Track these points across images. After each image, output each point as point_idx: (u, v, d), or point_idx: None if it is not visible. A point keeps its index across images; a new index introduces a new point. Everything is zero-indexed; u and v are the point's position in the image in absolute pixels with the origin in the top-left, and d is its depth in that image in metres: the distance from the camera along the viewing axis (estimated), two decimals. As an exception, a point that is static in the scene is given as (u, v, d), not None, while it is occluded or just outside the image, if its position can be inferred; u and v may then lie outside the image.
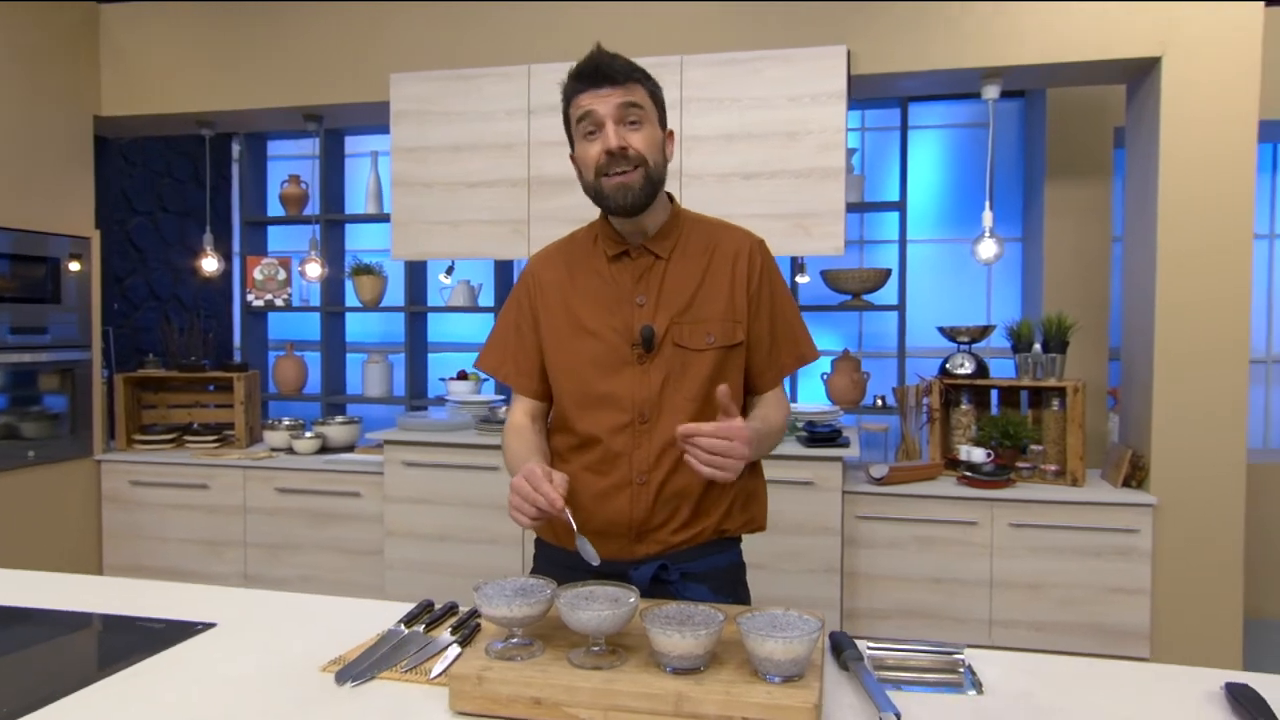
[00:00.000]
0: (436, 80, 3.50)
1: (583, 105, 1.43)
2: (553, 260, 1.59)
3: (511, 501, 1.32)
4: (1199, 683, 1.21)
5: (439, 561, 3.43)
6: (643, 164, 1.42)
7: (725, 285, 1.49)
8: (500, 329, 1.61)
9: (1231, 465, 2.93)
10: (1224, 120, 2.88)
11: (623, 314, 1.48)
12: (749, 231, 1.57)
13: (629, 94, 1.42)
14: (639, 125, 1.43)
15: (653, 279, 1.49)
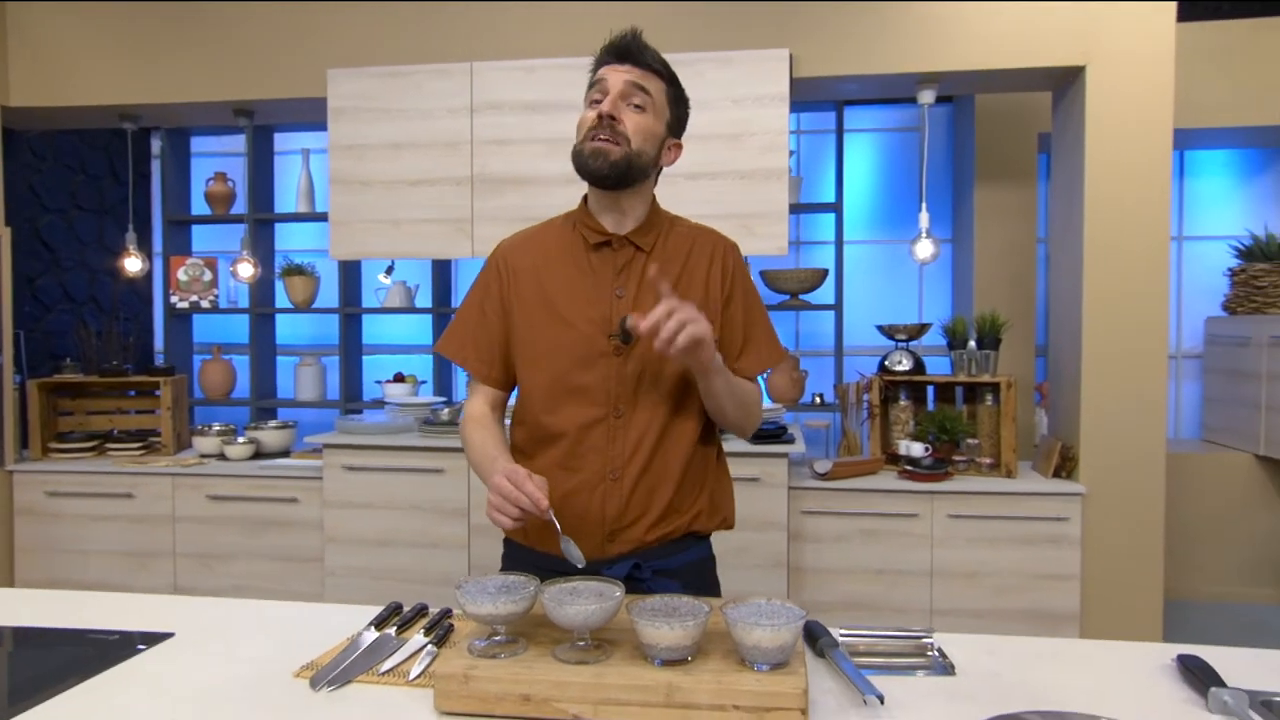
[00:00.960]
0: (376, 77, 3.43)
1: (599, 73, 1.49)
2: (526, 247, 1.56)
3: (492, 502, 1.30)
4: (1153, 656, 1.27)
5: (382, 567, 3.36)
6: (626, 143, 1.43)
7: (701, 284, 1.50)
8: (464, 314, 1.57)
9: (1153, 455, 3.08)
10: (1143, 128, 3.04)
11: (601, 305, 1.46)
12: (723, 235, 1.58)
13: (644, 78, 1.46)
14: (641, 110, 1.45)
15: (633, 272, 1.48)
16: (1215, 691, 1.11)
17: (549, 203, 3.34)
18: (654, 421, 1.46)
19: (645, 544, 1.47)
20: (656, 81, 1.48)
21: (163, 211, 4.66)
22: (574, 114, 3.28)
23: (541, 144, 3.34)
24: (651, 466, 1.45)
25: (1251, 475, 3.96)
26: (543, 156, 3.34)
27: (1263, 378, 3.85)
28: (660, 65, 1.49)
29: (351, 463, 3.37)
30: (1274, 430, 3.79)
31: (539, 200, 3.35)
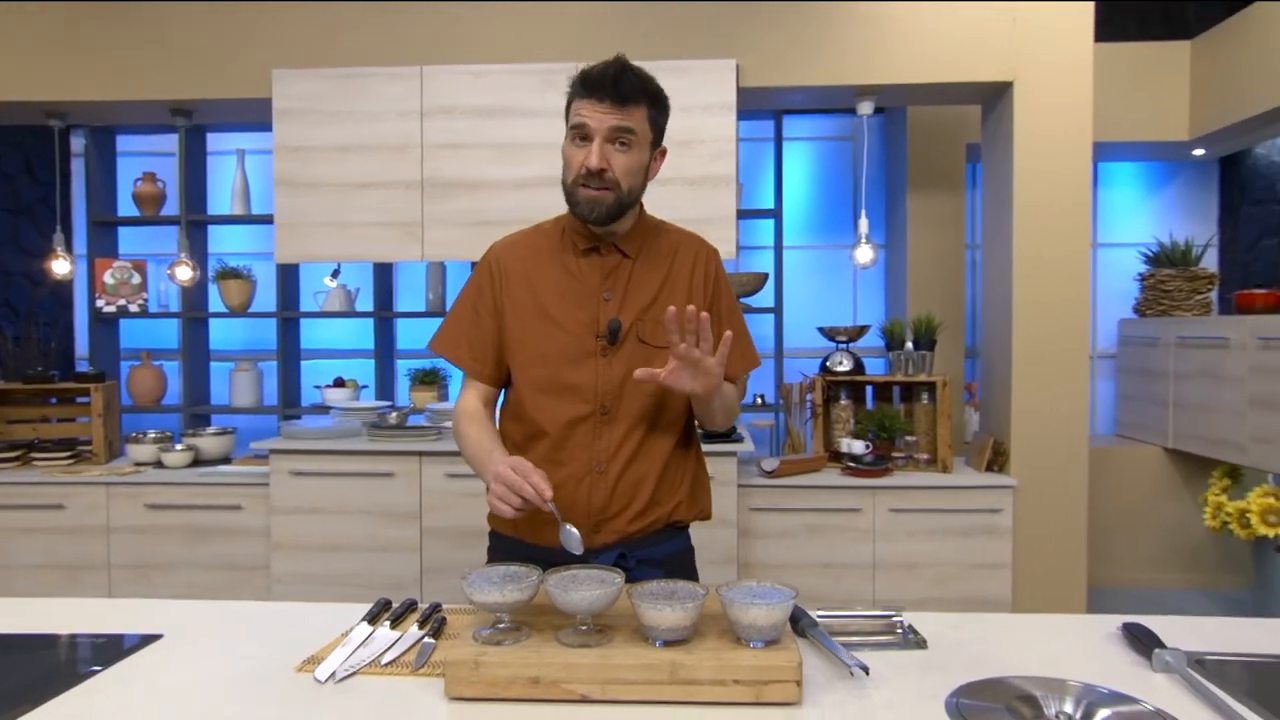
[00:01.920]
0: (323, 79, 3.40)
1: (581, 114, 1.45)
2: (518, 250, 1.60)
3: (496, 491, 1.34)
4: (1101, 626, 1.39)
5: (331, 572, 3.32)
6: (617, 188, 1.46)
7: (685, 288, 1.57)
8: (457, 314, 1.62)
9: (1077, 449, 3.28)
10: (1066, 141, 3.23)
11: (589, 307, 1.52)
12: (705, 241, 1.65)
13: (626, 117, 1.44)
14: (626, 149, 1.46)
15: (620, 277, 1.54)
16: (1159, 653, 1.22)
17: (500, 207, 3.38)
18: (638, 418, 1.52)
19: (629, 535, 1.53)
20: (639, 112, 1.46)
21: (87, 212, 4.50)
22: (525, 119, 3.36)
23: (492, 149, 3.36)
24: (635, 461, 1.52)
25: (1161, 467, 4.23)
26: (493, 161, 3.36)
27: (1170, 376, 4.12)
28: (642, 94, 1.47)
29: (299, 468, 3.33)
30: (1181, 425, 4.06)
31: (489, 204, 3.37)
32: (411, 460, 3.30)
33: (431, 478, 3.30)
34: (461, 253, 3.42)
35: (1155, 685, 1.17)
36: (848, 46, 3.30)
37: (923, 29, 3.28)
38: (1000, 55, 3.25)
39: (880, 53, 3.29)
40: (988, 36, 3.26)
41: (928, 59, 3.28)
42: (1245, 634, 1.37)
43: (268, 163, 4.48)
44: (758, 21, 3.32)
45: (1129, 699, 1.10)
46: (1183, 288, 4.22)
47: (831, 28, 3.30)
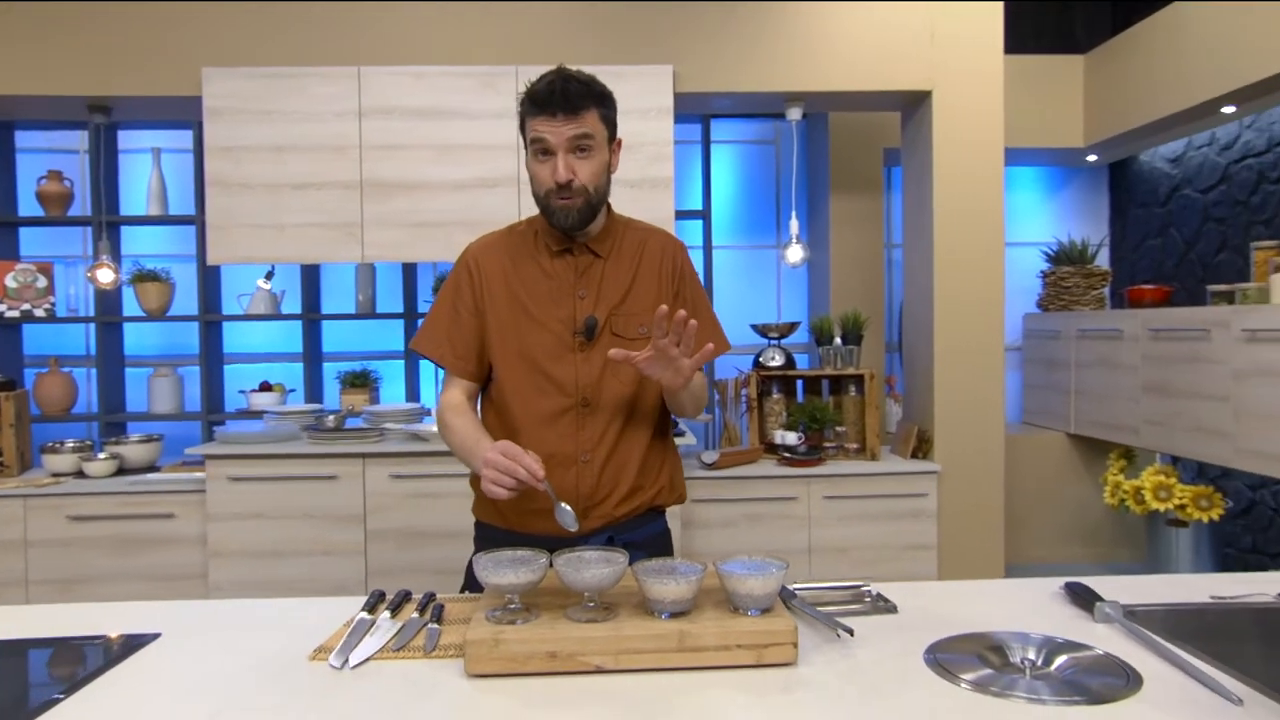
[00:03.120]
0: (256, 78, 3.35)
1: (538, 130, 1.51)
2: (494, 251, 1.66)
3: (487, 475, 1.39)
4: (1045, 586, 1.54)
5: (273, 578, 3.28)
6: (585, 193, 1.54)
7: (654, 282, 1.66)
8: (437, 314, 1.67)
9: (994, 436, 3.51)
10: (981, 147, 3.46)
11: (566, 305, 1.61)
12: (671, 234, 1.75)
13: (581, 125, 1.50)
14: (588, 154, 1.53)
15: (593, 275, 1.63)
16: (1099, 605, 1.37)
17: (440, 208, 3.40)
18: (618, 409, 1.61)
19: (616, 518, 1.62)
20: (591, 116, 1.52)
21: (-15, 212, 4.28)
22: (465, 121, 3.39)
23: (432, 149, 3.37)
24: (618, 449, 1.60)
25: (1064, 452, 4.54)
26: (433, 162, 3.38)
27: (1071, 366, 4.43)
28: (589, 98, 1.52)
29: (237, 473, 3.27)
30: (1081, 412, 4.38)
31: (430, 205, 3.39)
32: (355, 462, 3.29)
33: (375, 479, 3.30)
34: (402, 254, 3.42)
35: (1098, 634, 1.32)
36: (779, 55, 3.45)
37: (850, 40, 3.45)
38: (920, 66, 3.45)
39: (810, 61, 3.45)
40: (908, 48, 3.46)
41: (854, 68, 3.46)
42: (1163, 588, 1.54)
43: (185, 162, 4.37)
44: (693, 29, 3.44)
45: (1082, 646, 1.24)
46: (1080, 284, 4.54)
47: (764, 36, 3.44)
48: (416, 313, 4.39)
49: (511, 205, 3.39)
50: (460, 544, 3.29)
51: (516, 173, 3.38)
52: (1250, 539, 4.13)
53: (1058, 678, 1.17)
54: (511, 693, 1.13)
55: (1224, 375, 3.39)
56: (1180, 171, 4.50)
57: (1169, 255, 4.59)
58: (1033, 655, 1.22)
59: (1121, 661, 1.19)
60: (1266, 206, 3.95)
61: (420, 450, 3.30)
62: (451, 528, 3.30)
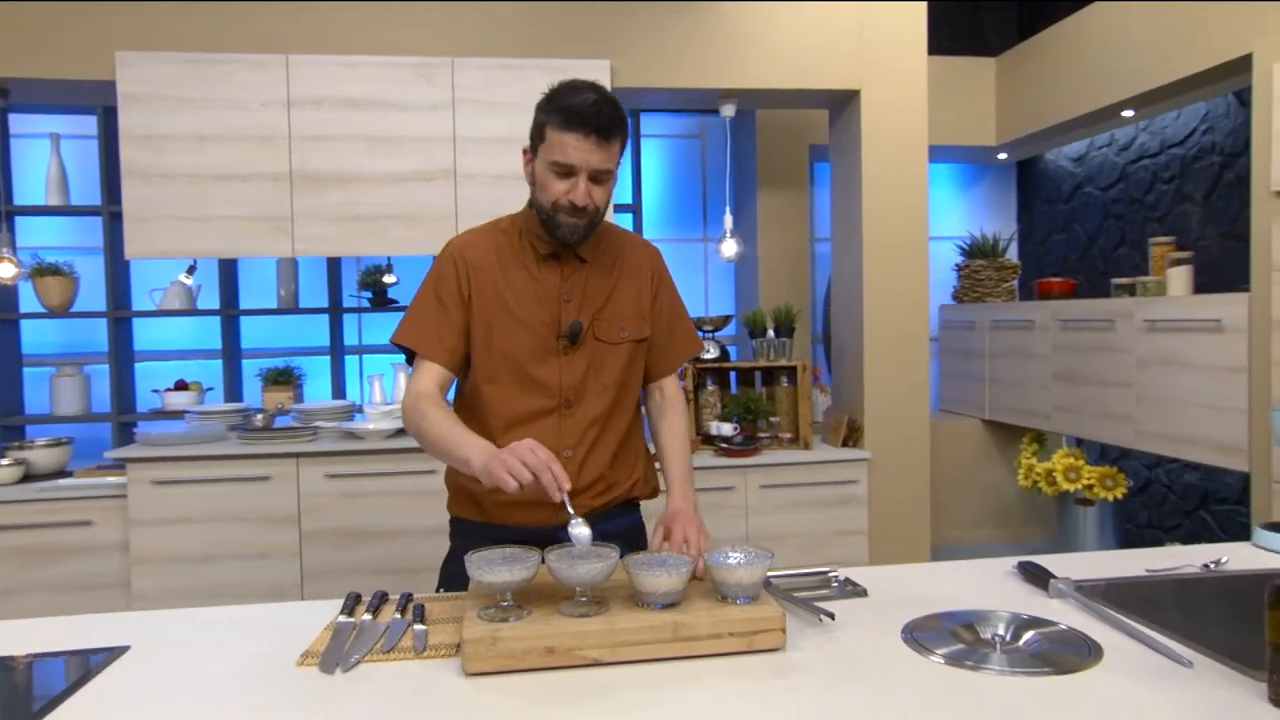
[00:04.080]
0: (176, 63, 3.20)
1: (566, 148, 1.48)
2: (481, 247, 1.65)
3: (508, 463, 1.32)
4: (999, 566, 1.63)
5: (203, 584, 3.16)
6: (595, 214, 1.56)
7: (634, 288, 1.69)
8: (420, 304, 1.64)
9: (920, 423, 3.66)
10: (906, 144, 3.59)
11: (551, 309, 1.61)
12: (647, 242, 1.79)
13: (609, 155, 1.51)
14: (604, 182, 1.54)
15: (577, 280, 1.64)
16: (1053, 582, 1.47)
17: (375, 201, 3.33)
18: (598, 409, 1.63)
19: (593, 509, 1.63)
20: (615, 146, 1.52)
21: None
22: (399, 112, 3.32)
23: (365, 141, 3.30)
24: (597, 446, 1.63)
25: (979, 437, 4.75)
26: (366, 154, 3.30)
27: (985, 356, 4.64)
28: (621, 125, 1.51)
29: (162, 476, 3.14)
30: (995, 399, 4.60)
31: (364, 199, 3.31)
32: (288, 462, 3.20)
33: (310, 479, 3.21)
34: (334, 248, 3.33)
35: (1053, 608, 1.41)
36: (714, 52, 3.50)
37: (783, 39, 3.53)
38: (849, 66, 3.56)
39: (744, 59, 3.52)
40: (839, 48, 3.55)
41: (787, 67, 3.54)
42: (1102, 563, 1.65)
43: (87, 148, 4.14)
44: (630, 24, 3.46)
45: (1047, 621, 1.33)
46: (992, 277, 4.76)
47: (699, 34, 3.48)
48: (342, 308, 4.29)
49: (448, 199, 3.34)
50: (399, 543, 3.27)
51: (453, 165, 3.33)
52: (1146, 515, 4.42)
53: (1026, 651, 1.24)
54: (511, 690, 1.14)
55: (1128, 363, 3.61)
56: (1082, 170, 4.76)
57: (1073, 249, 4.86)
58: (1002, 631, 1.30)
59: (1083, 635, 1.28)
60: (1160, 204, 4.22)
61: (355, 449, 3.23)
62: (389, 527, 3.25)
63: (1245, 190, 3.69)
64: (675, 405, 1.78)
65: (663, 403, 1.78)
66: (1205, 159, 3.94)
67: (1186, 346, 3.33)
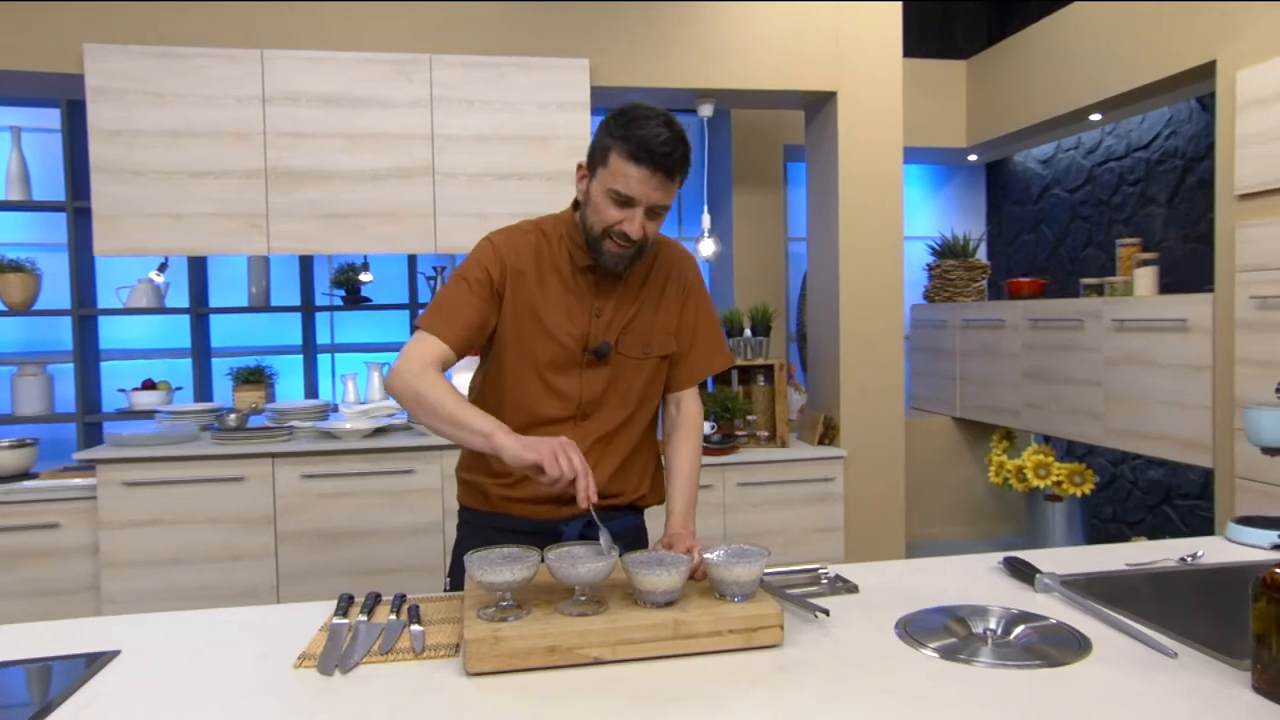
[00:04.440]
0: (147, 57, 3.14)
1: (630, 179, 1.44)
2: (522, 250, 1.60)
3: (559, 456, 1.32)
4: (985, 562, 1.66)
5: (176, 586, 3.11)
6: (644, 246, 1.53)
7: (664, 300, 1.66)
8: (448, 289, 1.57)
9: (895, 421, 3.70)
10: (882, 145, 3.63)
11: (581, 322, 1.59)
12: (683, 249, 1.74)
13: (670, 193, 1.48)
14: (659, 216, 1.51)
15: (611, 294, 1.61)
16: (1039, 577, 1.50)
17: (352, 198, 3.30)
18: (614, 421, 1.63)
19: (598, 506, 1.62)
20: (676, 185, 1.49)
21: None
22: (378, 109, 3.30)
23: (342, 138, 3.26)
24: (606, 457, 1.63)
25: (950, 434, 4.83)
26: (344, 151, 3.27)
27: (956, 354, 4.72)
28: (686, 160, 1.48)
29: (133, 478, 3.09)
30: (966, 397, 4.67)
31: (341, 196, 3.28)
32: (263, 462, 3.16)
33: (285, 480, 3.18)
34: (310, 246, 3.29)
35: (1039, 602, 1.44)
36: (693, 52, 3.51)
37: (761, 40, 3.55)
38: (826, 67, 3.59)
39: (723, 60, 3.54)
40: (816, 50, 3.59)
41: (765, 68, 3.56)
42: (1084, 558, 1.69)
43: (49, 142, 4.05)
44: (610, 23, 3.46)
45: (1036, 616, 1.36)
46: (963, 276, 4.84)
47: (678, 34, 3.50)
48: (315, 305, 4.24)
49: (427, 197, 3.32)
50: (377, 544, 3.24)
51: (431, 163, 3.31)
52: (1112, 510, 4.52)
53: (1018, 645, 1.27)
54: (514, 689, 1.14)
55: (1096, 362, 3.69)
56: (1050, 172, 4.86)
57: (1041, 249, 4.95)
58: (993, 625, 1.33)
59: (1072, 628, 1.31)
60: (1125, 206, 4.31)
61: (332, 449, 3.20)
62: (367, 528, 3.22)
63: (1207, 193, 3.79)
64: (690, 425, 1.71)
65: (678, 419, 1.72)
66: (1169, 163, 4.04)
67: (1153, 345, 3.41)
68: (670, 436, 1.74)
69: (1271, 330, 2.89)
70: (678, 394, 1.74)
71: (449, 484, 3.25)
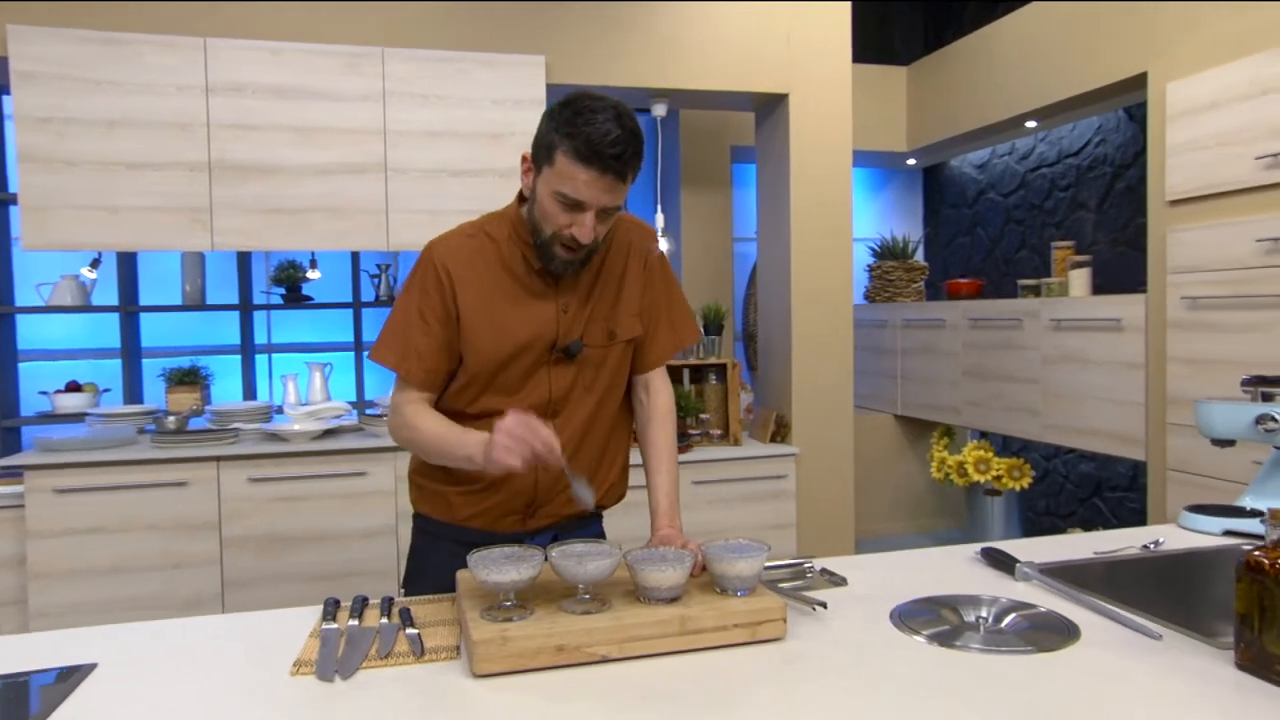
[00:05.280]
0: (81, 41, 2.99)
1: (578, 183, 1.36)
2: (465, 255, 1.52)
3: (501, 443, 1.30)
4: (963, 553, 1.70)
5: (114, 597, 2.97)
6: (593, 249, 1.46)
7: (626, 280, 1.60)
8: (400, 320, 1.52)
9: (845, 419, 3.77)
10: (832, 147, 3.70)
11: (547, 321, 1.52)
12: (643, 224, 1.67)
13: (620, 194, 1.41)
14: (610, 217, 1.45)
15: (572, 285, 1.54)
16: (1020, 566, 1.54)
17: (301, 194, 3.21)
18: (583, 412, 1.59)
19: (562, 518, 1.61)
20: (625, 187, 1.41)
21: None
22: (328, 102, 3.21)
23: (290, 131, 3.17)
24: (578, 454, 1.59)
25: (891, 432, 4.95)
26: (292, 145, 3.17)
27: (898, 353, 4.84)
28: (638, 158, 1.40)
29: (65, 484, 2.93)
30: (907, 395, 4.79)
31: (289, 191, 3.18)
32: (208, 466, 3.04)
33: (231, 484, 3.07)
34: (256, 242, 3.19)
35: (1020, 590, 1.48)
36: (648, 52, 3.52)
37: (716, 42, 3.58)
38: (779, 69, 3.64)
39: (676, 60, 3.55)
40: (769, 52, 3.63)
41: (719, 69, 3.59)
42: (1050, 548, 1.75)
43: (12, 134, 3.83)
44: (565, 21, 3.44)
45: (1027, 604, 1.40)
46: (902, 277, 4.96)
47: (634, 33, 3.50)
48: (252, 304, 4.11)
49: (378, 193, 3.24)
50: (329, 548, 3.15)
51: (384, 158, 3.24)
52: (1045, 503, 4.69)
53: (1011, 632, 1.31)
54: (525, 689, 1.12)
55: (1034, 360, 3.83)
56: (985, 177, 5.02)
57: (976, 251, 5.11)
58: (984, 613, 1.36)
59: (1061, 615, 1.35)
60: (1058, 210, 4.49)
61: (281, 451, 3.10)
62: (318, 531, 3.13)
63: (1135, 199, 3.97)
64: (663, 414, 1.67)
65: (649, 407, 1.68)
66: (1099, 169, 4.22)
67: (1089, 344, 3.55)
68: (644, 429, 1.69)
69: (1201, 329, 3.04)
70: (646, 376, 1.67)
71: (402, 485, 3.18)
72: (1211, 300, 2.99)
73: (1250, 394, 1.64)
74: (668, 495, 1.63)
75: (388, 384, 4.28)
